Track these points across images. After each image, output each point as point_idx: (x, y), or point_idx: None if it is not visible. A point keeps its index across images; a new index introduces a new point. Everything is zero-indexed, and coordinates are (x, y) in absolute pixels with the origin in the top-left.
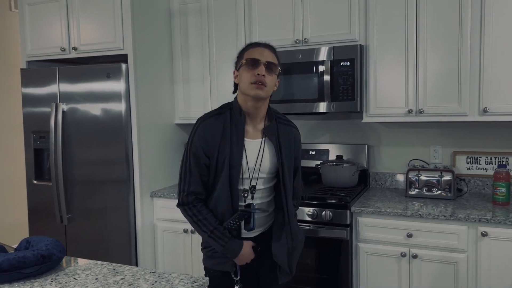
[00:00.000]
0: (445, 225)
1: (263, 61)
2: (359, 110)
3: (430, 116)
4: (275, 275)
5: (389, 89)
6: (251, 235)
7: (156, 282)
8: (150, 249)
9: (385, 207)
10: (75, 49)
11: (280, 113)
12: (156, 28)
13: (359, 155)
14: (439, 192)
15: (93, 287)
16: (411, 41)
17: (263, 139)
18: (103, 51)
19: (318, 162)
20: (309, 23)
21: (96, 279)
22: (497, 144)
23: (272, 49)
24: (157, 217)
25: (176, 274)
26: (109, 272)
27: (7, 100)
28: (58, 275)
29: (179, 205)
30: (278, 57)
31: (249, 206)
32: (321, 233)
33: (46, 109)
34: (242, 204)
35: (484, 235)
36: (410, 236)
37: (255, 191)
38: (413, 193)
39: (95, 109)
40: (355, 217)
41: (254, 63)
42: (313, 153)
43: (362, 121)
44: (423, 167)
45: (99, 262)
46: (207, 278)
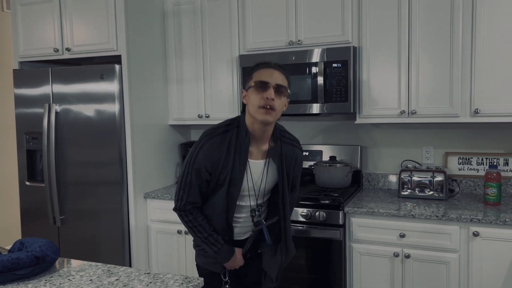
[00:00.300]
0: (437, 225)
1: (272, 84)
2: (352, 111)
3: (422, 117)
4: (260, 283)
5: (382, 91)
6: (242, 237)
7: (151, 283)
8: (143, 250)
9: (378, 207)
10: (68, 50)
11: (284, 130)
12: (149, 29)
13: (352, 156)
14: (431, 192)
15: None
16: (404, 43)
17: (267, 160)
18: (97, 52)
19: (311, 163)
20: (302, 24)
21: (90, 280)
22: (488, 145)
23: (282, 70)
24: (151, 218)
25: (171, 274)
26: (104, 273)
27: None
28: (52, 277)
29: (175, 209)
30: (288, 78)
31: (259, 223)
32: (314, 233)
33: (39, 110)
34: (241, 216)
35: (475, 235)
36: (402, 236)
37: (262, 209)
38: (405, 193)
39: (88, 110)
40: (348, 217)
41: (263, 86)
42: (307, 154)
43: (355, 122)
44: (416, 168)
45: (93, 263)
46: (201, 278)
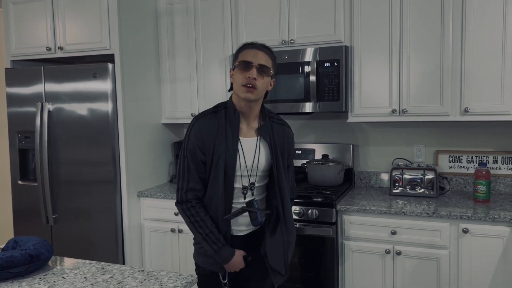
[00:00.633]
0: (428, 222)
1: (255, 64)
2: (344, 110)
3: (413, 116)
4: (264, 284)
5: (374, 90)
6: (242, 233)
7: (145, 280)
8: (137, 249)
9: (369, 205)
10: (61, 48)
11: (273, 113)
12: (142, 28)
13: (345, 155)
14: (422, 190)
15: (82, 285)
16: (395, 43)
17: (258, 138)
18: (90, 50)
19: (304, 161)
20: (295, 24)
21: (84, 278)
22: (478, 143)
23: (267, 50)
24: (144, 217)
25: (164, 272)
26: (98, 271)
27: None
28: (46, 275)
29: (177, 203)
30: (273, 58)
31: (251, 202)
32: (307, 231)
33: (31, 109)
34: (241, 201)
35: (465, 231)
36: (394, 233)
37: (254, 188)
38: (397, 191)
39: (81, 109)
40: (341, 215)
41: (246, 66)
42: (299, 152)
43: (347, 121)
44: (407, 166)
45: (87, 261)
46: (195, 276)
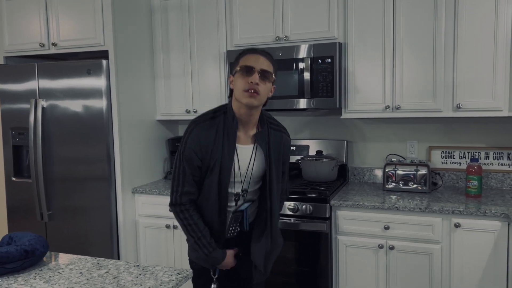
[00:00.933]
0: (421, 217)
1: (257, 69)
2: (338, 106)
3: (406, 112)
4: (251, 279)
5: (367, 86)
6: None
7: (140, 275)
8: (132, 245)
9: (363, 200)
10: (54, 45)
11: (271, 117)
12: (136, 24)
13: (339, 151)
14: (415, 185)
15: (77, 280)
16: (388, 39)
17: (255, 145)
18: (84, 47)
19: (298, 157)
20: (289, 20)
21: (80, 273)
22: (470, 139)
23: (268, 56)
24: (139, 213)
25: (160, 267)
26: (93, 266)
27: None
28: (41, 270)
29: (171, 205)
30: (274, 64)
31: (241, 212)
32: (301, 226)
33: (25, 106)
34: (232, 205)
35: (457, 226)
36: (387, 228)
37: (246, 194)
38: (390, 187)
39: (75, 105)
40: (334, 210)
41: (248, 71)
42: (294, 148)
43: (341, 117)
44: (400, 161)
45: (83, 256)
46: (190, 270)
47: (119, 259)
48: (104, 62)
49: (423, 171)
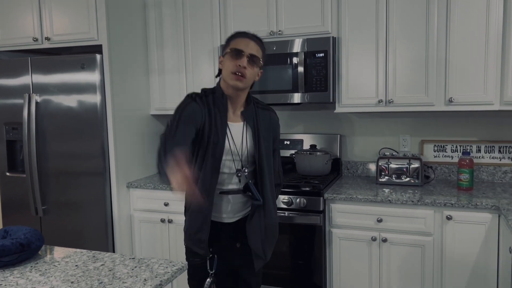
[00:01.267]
0: (413, 210)
1: (246, 53)
2: (331, 100)
3: (399, 106)
4: (251, 269)
5: (360, 80)
6: (231, 220)
7: (136, 267)
8: (127, 239)
9: (356, 193)
10: (48, 39)
11: (258, 100)
12: (130, 18)
13: (332, 145)
14: (408, 179)
15: (73, 273)
16: (381, 34)
17: (245, 123)
18: (77, 41)
19: (292, 151)
20: (283, 15)
21: (76, 266)
22: (462, 132)
23: (258, 41)
24: (134, 208)
25: (155, 259)
26: (89, 259)
27: None
28: (37, 263)
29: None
30: (263, 49)
31: (247, 185)
32: (295, 219)
33: (18, 101)
34: (236, 182)
35: (449, 218)
36: (380, 221)
37: (246, 171)
38: (383, 180)
39: (69, 100)
40: (328, 203)
41: (237, 54)
42: (288, 143)
43: (334, 111)
44: (393, 155)
45: (78, 250)
46: (186, 263)
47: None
48: (98, 56)
49: (415, 165)
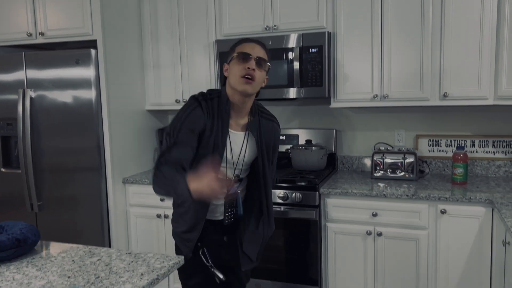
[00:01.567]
0: (408, 204)
1: (254, 56)
2: (327, 95)
3: (394, 101)
4: (239, 262)
5: (356, 75)
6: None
7: (132, 262)
8: (123, 235)
9: (351, 188)
10: (42, 34)
11: (262, 107)
12: (125, 12)
13: (328, 140)
14: (403, 173)
15: (70, 268)
16: (377, 29)
17: (247, 133)
18: (72, 36)
19: (288, 146)
20: (278, 10)
21: (72, 261)
22: (456, 127)
23: (263, 45)
24: (130, 203)
25: (152, 254)
26: (85, 254)
27: None
28: (34, 258)
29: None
30: (268, 54)
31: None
32: (291, 214)
33: (12, 96)
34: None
35: (443, 212)
36: (375, 215)
37: (239, 181)
38: (378, 174)
39: (64, 96)
40: (324, 198)
41: (245, 57)
42: (284, 138)
43: (330, 107)
44: (388, 150)
45: (75, 245)
46: (181, 257)
47: None
48: (92, 51)
49: (410, 159)
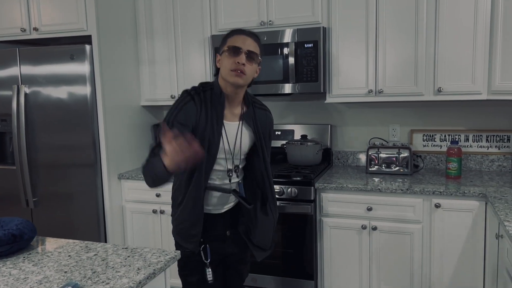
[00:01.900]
0: (402, 198)
1: (244, 50)
2: (322, 91)
3: (389, 96)
4: (244, 258)
5: (351, 70)
6: (219, 212)
7: (129, 256)
8: (119, 231)
9: (346, 183)
10: (36, 29)
11: (254, 97)
12: (120, 8)
13: (323, 135)
14: (397, 168)
15: (66, 263)
16: (371, 24)
17: (240, 122)
18: (66, 32)
19: (283, 141)
20: (273, 5)
21: (69, 256)
22: (450, 122)
23: (255, 37)
24: (126, 199)
25: (148, 248)
26: (82, 249)
27: None
28: (30, 254)
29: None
30: (260, 46)
31: (237, 191)
32: (287, 209)
33: (7, 92)
34: (226, 183)
35: (437, 206)
36: (370, 209)
37: (238, 170)
38: (373, 169)
39: (59, 91)
40: (319, 193)
41: (235, 51)
42: (279, 133)
43: (325, 102)
44: (383, 145)
45: (71, 240)
46: (178, 251)
47: None
48: (87, 47)
49: (405, 154)
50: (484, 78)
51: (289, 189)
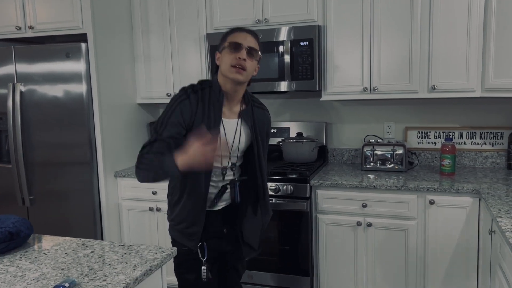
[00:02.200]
0: (397, 195)
1: (245, 46)
2: (317, 88)
3: (383, 93)
4: (240, 254)
5: (346, 68)
6: (217, 208)
7: (125, 253)
8: (115, 228)
9: (342, 180)
10: (31, 28)
11: (253, 96)
12: (115, 5)
13: (318, 132)
14: (392, 165)
15: (63, 260)
16: (366, 22)
17: (239, 120)
18: (62, 30)
19: (279, 139)
20: (269, 3)
21: (66, 253)
22: (445, 119)
23: (255, 35)
24: (122, 197)
25: (144, 245)
26: (78, 246)
27: None
28: (27, 251)
29: (144, 146)
30: (259, 44)
31: (233, 182)
32: (282, 206)
33: (2, 90)
34: (220, 180)
35: (431, 203)
36: (365, 206)
37: (235, 168)
38: (368, 166)
39: (55, 90)
40: (314, 190)
41: (236, 47)
42: (275, 131)
43: (320, 99)
44: (377, 142)
45: (68, 238)
46: (174, 248)
47: None
48: (83, 45)
49: (399, 151)
50: (477, 75)
51: (285, 186)
